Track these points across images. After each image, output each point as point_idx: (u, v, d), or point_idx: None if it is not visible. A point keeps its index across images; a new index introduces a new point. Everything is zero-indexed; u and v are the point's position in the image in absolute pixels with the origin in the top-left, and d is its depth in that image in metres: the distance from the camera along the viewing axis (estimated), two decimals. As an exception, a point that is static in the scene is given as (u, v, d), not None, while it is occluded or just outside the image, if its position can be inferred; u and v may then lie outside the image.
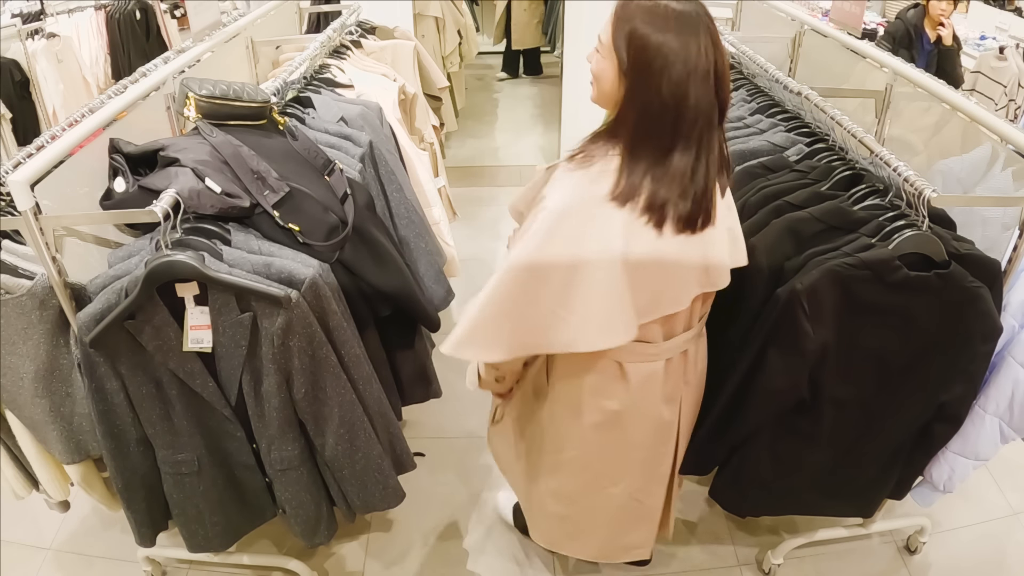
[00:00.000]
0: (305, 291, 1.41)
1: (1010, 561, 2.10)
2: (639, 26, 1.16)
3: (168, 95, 1.82)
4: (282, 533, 2.09)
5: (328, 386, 1.49)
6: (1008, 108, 4.08)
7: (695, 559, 2.08)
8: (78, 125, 1.50)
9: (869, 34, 4.92)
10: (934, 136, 2.05)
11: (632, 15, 1.18)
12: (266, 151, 1.59)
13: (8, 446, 1.65)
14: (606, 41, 1.21)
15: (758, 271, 1.51)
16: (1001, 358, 1.57)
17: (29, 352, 1.45)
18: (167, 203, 1.35)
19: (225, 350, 1.43)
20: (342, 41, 2.61)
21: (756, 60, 2.17)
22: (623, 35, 1.18)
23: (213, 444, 1.56)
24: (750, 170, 1.79)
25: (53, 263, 1.37)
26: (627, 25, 1.17)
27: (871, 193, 1.59)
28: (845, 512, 1.96)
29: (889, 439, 1.64)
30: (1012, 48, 4.13)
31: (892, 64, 1.95)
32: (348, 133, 1.95)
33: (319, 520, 1.70)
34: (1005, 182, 1.67)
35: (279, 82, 1.95)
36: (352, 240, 1.61)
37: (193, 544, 1.68)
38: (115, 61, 4.52)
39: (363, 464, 1.61)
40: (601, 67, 1.24)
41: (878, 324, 1.46)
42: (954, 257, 1.42)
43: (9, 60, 3.71)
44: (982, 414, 1.62)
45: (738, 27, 3.15)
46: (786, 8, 2.64)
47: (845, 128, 1.69)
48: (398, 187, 2.05)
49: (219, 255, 1.41)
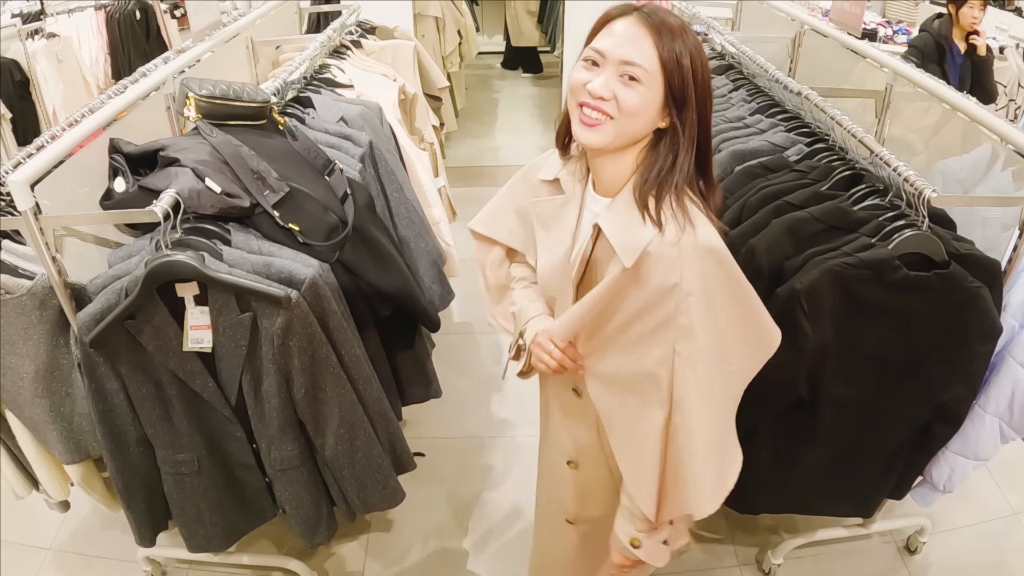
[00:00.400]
0: (305, 291, 1.41)
1: (1010, 561, 2.10)
2: (687, 35, 1.04)
3: (168, 95, 1.82)
4: (282, 533, 2.09)
5: (328, 386, 1.49)
6: (1008, 108, 4.07)
7: (695, 559, 2.08)
8: (78, 125, 1.50)
9: (869, 34, 4.92)
10: (934, 136, 2.05)
11: (677, 28, 1.04)
12: (266, 151, 1.59)
13: (8, 446, 1.65)
14: (652, 65, 1.02)
15: (758, 271, 1.51)
16: (1001, 358, 1.57)
17: (29, 352, 1.45)
18: (167, 203, 1.35)
19: (225, 350, 1.43)
20: (342, 41, 2.61)
21: (756, 60, 2.17)
22: (681, 51, 1.03)
23: (213, 444, 1.56)
24: (750, 170, 1.78)
25: (53, 263, 1.37)
26: (679, 38, 1.03)
27: (871, 193, 1.59)
28: (845, 512, 1.96)
29: (889, 439, 1.64)
30: (1012, 48, 4.13)
31: (892, 64, 1.95)
32: (348, 133, 1.95)
33: (319, 520, 1.70)
34: (1005, 182, 1.67)
35: (279, 82, 1.95)
36: (352, 240, 1.61)
37: (193, 544, 1.68)
38: (115, 61, 4.52)
39: (363, 464, 1.61)
40: (645, 99, 1.04)
41: (878, 324, 1.46)
42: (954, 257, 1.42)
43: (9, 60, 3.71)
44: (982, 414, 1.62)
45: (738, 27, 3.15)
46: (786, 8, 2.64)
47: (845, 128, 1.69)
48: (398, 187, 2.05)
49: (219, 255, 1.41)
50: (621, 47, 1.03)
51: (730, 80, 2.33)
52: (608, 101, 1.04)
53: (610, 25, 1.07)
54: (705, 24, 2.70)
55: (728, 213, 1.70)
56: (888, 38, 5.24)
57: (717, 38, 2.54)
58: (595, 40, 1.07)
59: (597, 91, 1.04)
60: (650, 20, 1.03)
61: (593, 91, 1.04)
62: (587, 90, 1.05)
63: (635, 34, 1.03)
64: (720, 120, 2.08)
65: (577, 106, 1.08)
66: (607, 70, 1.04)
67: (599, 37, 1.07)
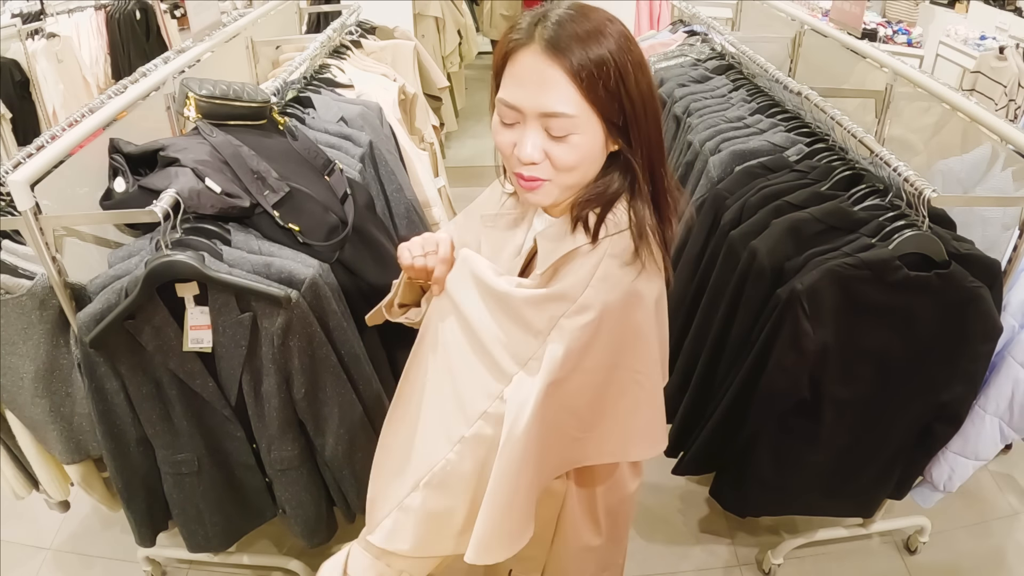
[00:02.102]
0: (305, 291, 1.41)
1: (1010, 561, 2.10)
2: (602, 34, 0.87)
3: (168, 95, 1.82)
4: (282, 533, 2.09)
5: (328, 386, 1.49)
6: (1008, 108, 4.07)
7: (695, 559, 2.08)
8: (78, 125, 1.50)
9: (869, 34, 4.92)
10: (934, 136, 2.05)
11: (590, 32, 0.86)
12: (266, 151, 1.59)
13: (8, 446, 1.65)
14: (578, 107, 0.86)
15: (759, 271, 1.51)
16: (1001, 358, 1.57)
17: (29, 352, 1.45)
18: (167, 203, 1.35)
19: (225, 350, 1.43)
20: (342, 41, 2.61)
21: (756, 60, 2.17)
22: (603, 62, 0.85)
23: (213, 444, 1.56)
24: (750, 170, 1.79)
25: (53, 263, 1.37)
26: (593, 45, 0.85)
27: (871, 193, 1.59)
28: (845, 512, 1.96)
29: (889, 439, 1.64)
30: (1012, 48, 4.13)
31: (892, 64, 1.95)
32: (348, 133, 1.95)
33: (319, 520, 1.70)
34: (1005, 182, 1.67)
35: (279, 82, 1.95)
36: (352, 240, 1.61)
37: (193, 544, 1.68)
38: (115, 61, 4.53)
39: (363, 464, 1.60)
40: (582, 148, 0.89)
41: (878, 324, 1.46)
42: (954, 257, 1.42)
43: (9, 60, 3.72)
44: (982, 414, 1.62)
45: (738, 27, 3.15)
46: (786, 8, 2.65)
47: (845, 128, 1.69)
48: (398, 187, 2.05)
49: (219, 255, 1.41)
50: (536, 97, 0.86)
51: (730, 80, 2.33)
52: (540, 164, 0.89)
53: (513, 62, 0.88)
54: (705, 24, 2.70)
55: (728, 213, 1.70)
56: (888, 38, 5.25)
57: (717, 38, 2.54)
58: (503, 86, 0.90)
59: (527, 157, 0.88)
60: (556, 45, 0.84)
61: (524, 158, 0.89)
62: (516, 156, 0.90)
63: (544, 75, 0.85)
64: (720, 120, 2.08)
65: (512, 171, 0.94)
66: (528, 126, 0.88)
67: (505, 83, 0.90)
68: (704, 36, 2.73)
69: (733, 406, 1.59)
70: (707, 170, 1.91)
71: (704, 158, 1.94)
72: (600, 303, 0.92)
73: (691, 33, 2.88)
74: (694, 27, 2.87)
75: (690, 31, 2.89)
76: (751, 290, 1.55)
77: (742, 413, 1.59)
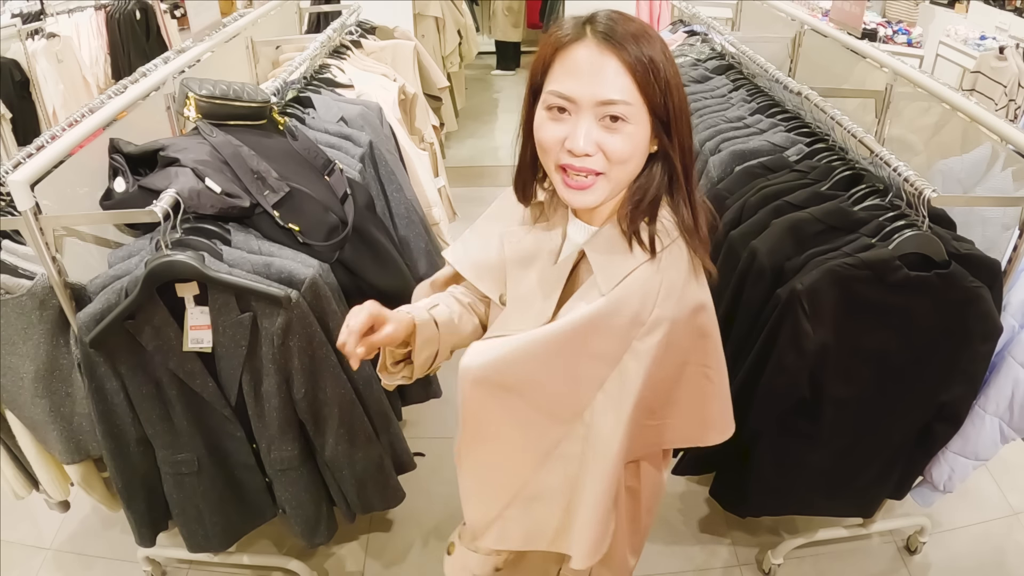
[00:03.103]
0: (305, 291, 1.41)
1: (1010, 561, 2.10)
2: (648, 34, 0.89)
3: (168, 95, 1.82)
4: (282, 533, 2.09)
5: (328, 386, 1.49)
6: (1008, 108, 4.08)
7: (695, 559, 2.08)
8: (78, 125, 1.50)
9: (869, 34, 4.92)
10: (934, 136, 2.05)
11: (638, 32, 0.89)
12: (266, 151, 1.59)
13: (8, 446, 1.65)
14: (632, 95, 0.87)
15: (759, 271, 1.51)
16: (1001, 358, 1.57)
17: (29, 352, 1.45)
18: (167, 203, 1.35)
19: (225, 350, 1.43)
20: (342, 41, 2.61)
21: (756, 60, 2.17)
22: (651, 58, 0.87)
23: (213, 444, 1.56)
24: (750, 170, 1.79)
25: (53, 263, 1.37)
26: (643, 43, 0.88)
27: (871, 193, 1.59)
28: (845, 512, 1.96)
29: (889, 439, 1.64)
30: (1012, 48, 4.13)
31: (892, 64, 1.95)
32: (348, 133, 1.95)
33: (319, 520, 1.70)
34: (1005, 182, 1.67)
35: (279, 82, 1.95)
36: (352, 240, 1.61)
37: (193, 544, 1.68)
38: (115, 61, 4.53)
39: (363, 464, 1.61)
40: (635, 139, 0.90)
41: (878, 324, 1.46)
42: (954, 257, 1.42)
43: (9, 60, 3.71)
44: (982, 414, 1.62)
45: (738, 27, 3.15)
46: (786, 8, 2.65)
47: (845, 128, 1.69)
48: (398, 187, 2.05)
49: (219, 255, 1.41)
50: (593, 85, 0.87)
51: (730, 80, 2.33)
52: (594, 156, 0.89)
53: (565, 56, 0.89)
54: (705, 24, 2.70)
55: (728, 213, 1.70)
56: (888, 38, 5.25)
57: (717, 38, 2.54)
58: (553, 80, 0.90)
59: (581, 148, 0.88)
60: (611, 39, 0.86)
61: (576, 149, 0.88)
62: (567, 149, 0.89)
63: (601, 64, 0.86)
64: (720, 120, 2.08)
65: (557, 168, 0.92)
66: (582, 117, 0.88)
67: (556, 76, 0.89)
68: (704, 36, 2.73)
69: (733, 406, 1.59)
70: (707, 170, 1.91)
71: (704, 158, 1.94)
72: (668, 320, 0.96)
73: (691, 33, 2.88)
74: (694, 27, 2.87)
75: (690, 31, 2.89)
76: (751, 290, 1.55)
77: (742, 413, 1.58)
